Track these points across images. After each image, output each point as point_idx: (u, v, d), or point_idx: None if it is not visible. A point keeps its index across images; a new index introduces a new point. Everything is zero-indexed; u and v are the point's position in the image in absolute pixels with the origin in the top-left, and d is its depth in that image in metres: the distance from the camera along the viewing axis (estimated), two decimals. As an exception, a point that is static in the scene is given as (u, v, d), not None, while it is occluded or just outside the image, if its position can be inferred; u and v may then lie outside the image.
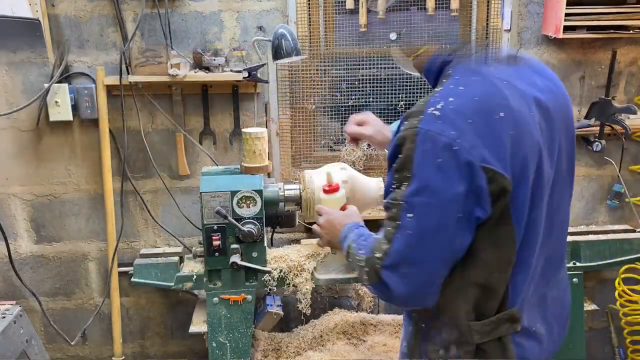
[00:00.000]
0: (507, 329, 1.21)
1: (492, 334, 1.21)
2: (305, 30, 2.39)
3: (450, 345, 1.23)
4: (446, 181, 1.07)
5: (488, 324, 1.20)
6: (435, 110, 1.10)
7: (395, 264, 1.13)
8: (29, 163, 2.41)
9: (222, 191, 1.84)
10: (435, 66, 1.27)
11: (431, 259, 1.13)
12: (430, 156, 1.07)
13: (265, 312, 2.28)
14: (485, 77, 1.16)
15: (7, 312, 1.99)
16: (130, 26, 2.32)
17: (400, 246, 1.13)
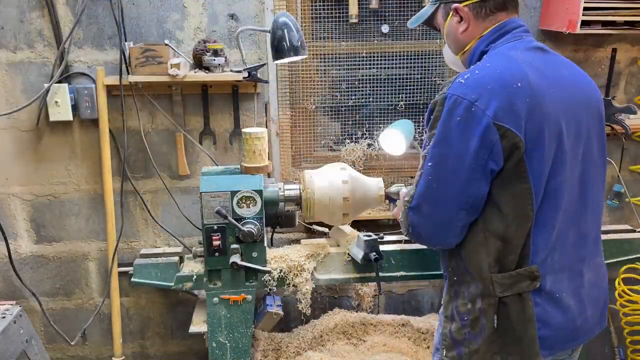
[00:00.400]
0: (527, 286, 1.34)
1: (513, 288, 1.34)
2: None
3: (476, 299, 1.39)
4: (462, 135, 1.27)
5: (508, 277, 1.34)
6: (462, 79, 1.31)
7: (418, 205, 1.35)
8: (29, 163, 2.41)
9: (222, 191, 1.84)
10: (476, 57, 1.46)
11: (447, 200, 1.32)
12: (452, 115, 1.28)
13: (265, 312, 2.28)
14: (510, 58, 1.35)
15: (7, 312, 1.99)
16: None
17: (421, 189, 1.34)
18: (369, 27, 2.46)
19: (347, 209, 1.92)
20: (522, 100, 1.27)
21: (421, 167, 1.34)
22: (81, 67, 2.33)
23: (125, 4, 2.26)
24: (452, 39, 1.52)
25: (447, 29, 1.51)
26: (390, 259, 2.02)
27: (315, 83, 2.50)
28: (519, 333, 1.35)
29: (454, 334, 1.44)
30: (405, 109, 2.55)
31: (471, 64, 1.46)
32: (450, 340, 1.45)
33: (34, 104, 2.27)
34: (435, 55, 2.51)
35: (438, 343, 1.51)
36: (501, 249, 1.34)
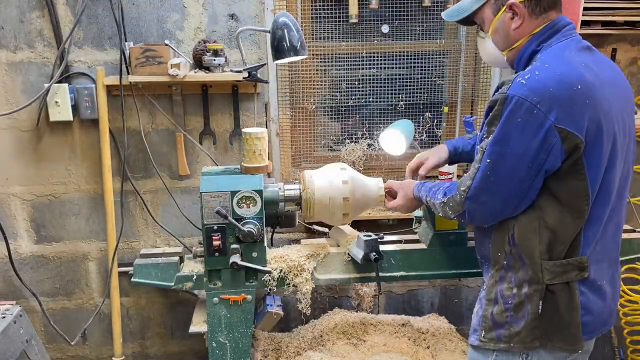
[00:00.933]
0: (575, 275, 1.41)
1: (562, 277, 1.41)
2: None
3: (523, 284, 1.44)
4: (522, 136, 1.32)
5: (559, 265, 1.41)
6: (522, 80, 1.33)
7: (476, 195, 1.43)
8: (29, 163, 2.41)
9: (222, 191, 1.84)
10: (527, 55, 1.47)
11: (503, 192, 1.39)
12: (513, 116, 1.32)
13: (265, 312, 2.28)
14: (567, 60, 1.38)
15: (7, 312, 1.99)
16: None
17: (479, 182, 1.41)
18: (369, 27, 2.46)
19: (347, 209, 1.92)
20: (582, 102, 1.31)
21: (479, 160, 1.40)
22: (81, 67, 2.33)
23: (125, 4, 2.26)
24: (502, 35, 1.51)
25: (497, 25, 1.50)
26: (390, 259, 2.02)
27: (315, 83, 2.50)
28: (566, 320, 1.42)
29: (495, 316, 1.50)
30: (405, 109, 2.55)
31: (520, 61, 1.49)
32: (490, 322, 1.51)
33: (34, 104, 2.27)
34: (435, 55, 2.51)
35: (477, 324, 1.56)
36: (552, 238, 1.41)
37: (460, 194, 1.46)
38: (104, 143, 2.34)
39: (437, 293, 2.77)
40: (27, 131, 2.38)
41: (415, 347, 2.30)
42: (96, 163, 2.42)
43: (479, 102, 2.52)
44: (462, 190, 1.45)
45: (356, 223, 2.47)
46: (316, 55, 2.46)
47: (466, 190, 1.44)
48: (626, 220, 2.68)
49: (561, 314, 1.42)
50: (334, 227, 2.18)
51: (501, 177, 1.37)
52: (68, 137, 2.40)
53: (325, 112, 2.57)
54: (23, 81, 2.32)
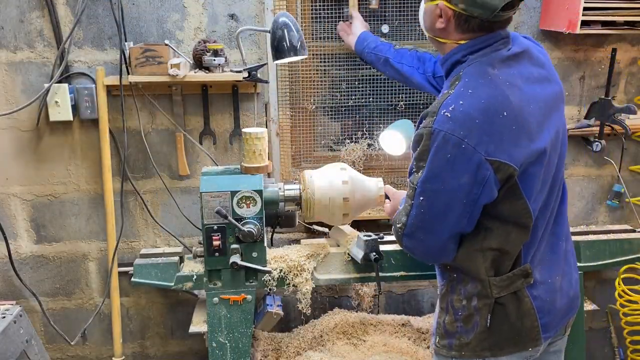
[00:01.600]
0: (521, 283, 1.42)
1: (509, 288, 1.42)
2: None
3: (472, 297, 1.45)
4: (454, 172, 1.28)
5: (505, 279, 1.42)
6: (447, 112, 1.29)
7: (411, 233, 1.40)
8: (29, 163, 2.41)
9: (222, 191, 1.84)
10: (450, 62, 1.44)
11: (440, 231, 1.37)
12: (441, 151, 1.28)
13: (265, 312, 2.28)
14: (491, 80, 1.33)
15: (7, 312, 1.99)
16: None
17: (414, 220, 1.38)
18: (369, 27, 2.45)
19: (347, 209, 1.92)
20: (509, 129, 1.29)
21: (411, 196, 1.37)
22: (81, 67, 2.33)
23: (125, 4, 2.26)
24: (427, 20, 1.45)
25: (428, 9, 1.43)
26: (390, 259, 2.02)
27: (315, 83, 2.50)
28: (517, 327, 1.43)
29: (447, 325, 1.50)
30: (405, 109, 2.55)
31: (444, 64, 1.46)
32: (442, 330, 1.52)
33: (34, 104, 2.27)
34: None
35: (434, 329, 1.58)
36: (498, 256, 1.41)
37: (396, 230, 1.44)
38: (104, 143, 2.34)
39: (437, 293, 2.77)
40: (27, 131, 2.38)
41: (415, 347, 2.30)
42: (96, 163, 2.42)
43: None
44: (398, 227, 1.43)
45: (356, 223, 2.47)
46: (316, 55, 2.46)
47: (402, 227, 1.41)
48: (626, 220, 2.70)
49: (511, 322, 1.43)
50: (334, 227, 2.18)
51: (436, 214, 1.34)
52: (68, 137, 2.40)
53: (325, 112, 2.57)
54: (23, 81, 2.32)
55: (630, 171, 2.65)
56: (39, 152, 2.41)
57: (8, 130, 2.37)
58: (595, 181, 2.66)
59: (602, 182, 2.66)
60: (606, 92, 2.49)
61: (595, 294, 2.76)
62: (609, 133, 2.51)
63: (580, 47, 2.49)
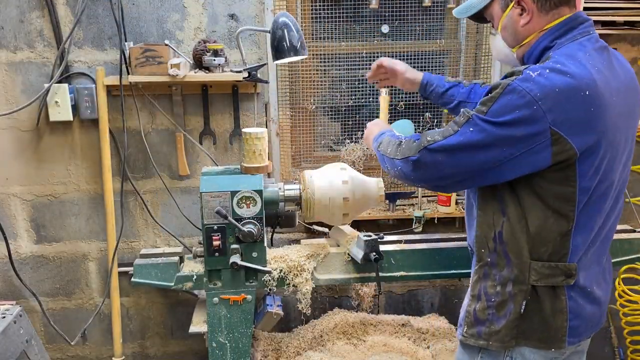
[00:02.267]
0: (561, 281, 1.39)
1: (548, 279, 1.39)
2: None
3: (507, 282, 1.42)
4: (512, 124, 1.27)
5: (547, 267, 1.39)
6: (532, 73, 1.28)
7: (436, 150, 1.35)
8: (29, 163, 2.41)
9: (222, 191, 1.84)
10: (538, 51, 1.42)
11: (463, 168, 1.35)
12: (511, 103, 1.27)
13: (265, 312, 2.27)
14: (580, 62, 1.31)
15: (7, 312, 1.99)
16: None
17: (449, 143, 1.33)
18: (368, 27, 2.46)
19: (347, 209, 1.92)
20: (587, 109, 1.27)
21: (460, 123, 1.33)
22: (81, 67, 2.33)
23: (125, 4, 2.26)
24: (510, 32, 1.47)
25: (506, 21, 1.46)
26: (390, 259, 2.02)
27: (315, 83, 2.50)
28: (548, 322, 1.41)
29: (477, 313, 1.48)
30: (405, 109, 2.55)
31: (529, 59, 1.45)
32: (472, 318, 1.49)
33: (34, 104, 2.27)
34: (435, 55, 2.51)
35: (462, 319, 1.55)
36: (537, 239, 1.39)
37: (422, 142, 1.38)
38: (104, 143, 2.34)
39: (437, 293, 2.77)
40: (27, 131, 2.38)
41: (415, 347, 2.30)
42: (96, 163, 2.42)
43: (479, 102, 2.52)
44: (427, 139, 1.37)
45: (356, 223, 2.47)
46: (316, 55, 2.46)
47: (431, 141, 1.36)
48: (626, 220, 2.70)
49: (544, 315, 1.41)
50: (334, 227, 2.18)
51: (472, 150, 1.32)
52: (68, 137, 2.40)
53: (325, 112, 2.57)
54: (23, 81, 2.32)
55: (631, 171, 2.65)
56: (39, 152, 2.41)
57: (8, 130, 2.37)
58: (595, 181, 2.66)
59: (602, 182, 2.66)
60: (606, 92, 2.49)
61: (595, 294, 2.76)
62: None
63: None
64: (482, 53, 2.45)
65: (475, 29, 2.46)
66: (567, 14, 1.39)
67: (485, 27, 2.41)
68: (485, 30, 2.41)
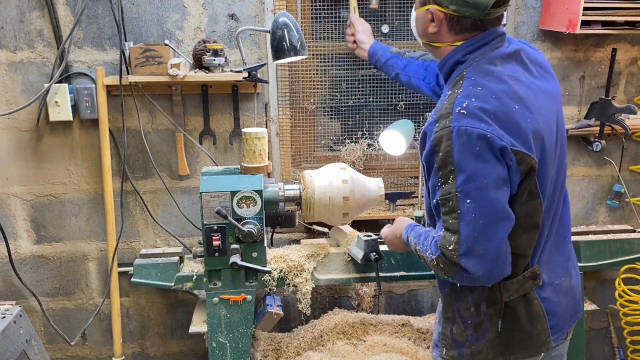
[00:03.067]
0: (530, 285, 1.40)
1: (518, 290, 1.39)
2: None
3: (480, 303, 1.41)
4: (488, 164, 1.24)
5: (515, 282, 1.38)
6: (462, 109, 1.26)
7: (470, 249, 1.26)
8: (29, 163, 2.41)
9: (222, 191, 1.84)
10: (450, 63, 1.41)
11: (499, 233, 1.27)
12: (468, 147, 1.23)
13: (265, 312, 2.27)
14: (497, 76, 1.32)
15: (7, 312, 1.99)
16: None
17: (469, 232, 1.25)
18: (369, 27, 2.46)
19: (347, 208, 1.92)
20: (524, 121, 1.28)
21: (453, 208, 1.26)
22: (81, 67, 2.33)
23: (125, 4, 2.26)
24: (420, 27, 1.46)
25: (419, 15, 1.44)
26: (390, 259, 2.02)
27: (315, 83, 2.50)
28: (528, 330, 1.41)
29: (455, 335, 1.47)
30: (405, 109, 2.55)
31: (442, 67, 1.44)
32: (450, 341, 1.48)
33: (34, 104, 2.27)
34: (435, 55, 2.51)
35: (437, 340, 1.54)
36: (511, 258, 1.34)
37: (449, 255, 1.29)
38: (104, 143, 2.34)
39: (437, 293, 2.77)
40: (27, 131, 2.38)
41: (415, 347, 2.30)
42: (96, 163, 2.42)
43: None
44: (450, 250, 1.28)
45: (356, 223, 2.47)
46: (316, 55, 2.46)
47: (456, 248, 1.26)
48: (626, 220, 2.70)
49: (522, 326, 1.40)
50: (334, 227, 2.18)
51: (489, 214, 1.25)
52: (68, 137, 2.40)
53: (325, 112, 2.57)
54: (23, 81, 2.32)
55: (630, 171, 2.65)
56: (38, 152, 2.41)
57: (8, 130, 2.37)
58: (595, 181, 2.66)
59: (602, 182, 2.66)
60: (606, 92, 2.49)
61: (595, 294, 2.76)
62: (609, 133, 2.51)
63: (580, 47, 2.49)
64: (482, 53, 2.45)
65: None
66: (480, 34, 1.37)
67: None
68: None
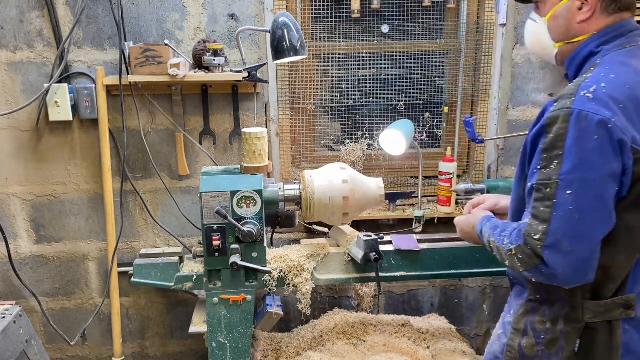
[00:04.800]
0: (620, 314, 1.25)
1: (604, 315, 1.25)
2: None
3: (558, 319, 1.28)
4: (603, 157, 1.11)
5: (603, 305, 1.24)
6: (588, 93, 1.14)
7: (557, 242, 1.15)
8: (29, 163, 2.41)
9: (222, 191, 1.84)
10: (582, 56, 1.30)
11: (594, 233, 1.14)
12: (585, 134, 1.11)
13: (265, 312, 2.27)
14: (634, 69, 1.20)
15: (7, 312, 1.99)
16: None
17: (560, 223, 1.14)
18: (369, 27, 2.46)
19: (347, 208, 1.92)
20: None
21: (550, 196, 1.15)
22: (81, 67, 2.33)
23: (125, 4, 2.26)
24: (562, 24, 1.32)
25: (560, 11, 1.31)
26: (390, 259, 2.02)
27: (315, 83, 2.50)
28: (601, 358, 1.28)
29: (524, 349, 1.35)
30: (405, 109, 2.55)
31: (572, 62, 1.33)
32: (517, 354, 1.36)
33: (34, 104, 2.27)
34: (435, 55, 2.51)
35: (499, 352, 1.41)
36: (602, 278, 1.23)
37: (532, 244, 1.18)
38: (104, 143, 2.34)
39: (437, 293, 2.77)
40: (27, 131, 2.38)
41: (415, 347, 2.30)
42: (96, 163, 2.42)
43: (479, 102, 2.52)
44: (535, 239, 1.17)
45: (356, 223, 2.47)
46: (316, 55, 2.46)
47: (542, 238, 1.16)
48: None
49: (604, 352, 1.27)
50: (334, 227, 2.18)
51: (588, 212, 1.13)
52: (68, 137, 2.40)
53: (325, 112, 2.57)
54: (23, 81, 2.31)
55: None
56: (38, 152, 2.41)
57: (8, 130, 2.37)
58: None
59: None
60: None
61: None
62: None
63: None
64: (482, 53, 2.45)
65: (475, 29, 2.46)
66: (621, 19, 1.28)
67: (485, 27, 2.41)
68: (485, 30, 2.41)
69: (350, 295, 2.68)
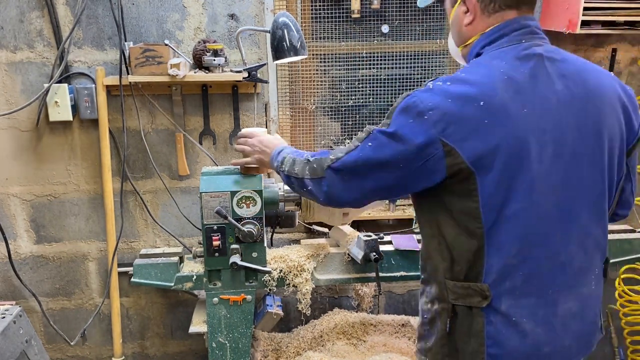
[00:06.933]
0: (477, 302, 1.30)
1: (465, 299, 1.32)
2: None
3: (434, 300, 1.39)
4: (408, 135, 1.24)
5: (460, 287, 1.32)
6: (431, 84, 1.27)
7: (340, 169, 1.34)
8: (29, 163, 2.41)
9: (222, 191, 1.84)
10: (472, 58, 1.37)
11: (367, 183, 1.32)
12: (406, 113, 1.25)
13: (265, 312, 2.27)
14: (489, 69, 1.25)
15: (7, 312, 1.99)
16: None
17: (351, 159, 1.32)
18: (369, 27, 2.46)
19: (347, 208, 1.92)
20: (479, 121, 1.20)
21: (360, 139, 1.32)
22: (81, 67, 2.33)
23: (125, 4, 2.26)
24: (455, 30, 1.41)
25: (453, 18, 1.39)
26: (390, 259, 2.02)
27: (315, 83, 2.50)
28: (462, 345, 1.32)
29: (418, 328, 1.46)
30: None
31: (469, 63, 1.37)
32: (417, 334, 1.48)
33: (34, 104, 2.27)
34: (435, 55, 2.51)
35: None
36: (451, 258, 1.32)
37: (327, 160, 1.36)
38: (104, 143, 2.34)
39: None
40: (27, 131, 2.38)
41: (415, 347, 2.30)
42: (96, 163, 2.42)
43: (479, 102, 2.52)
44: (331, 158, 1.36)
45: (356, 223, 2.47)
46: (316, 55, 2.46)
47: (334, 160, 1.34)
48: (626, 220, 2.69)
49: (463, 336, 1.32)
50: (334, 227, 2.18)
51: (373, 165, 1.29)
52: (68, 137, 2.40)
53: (325, 112, 2.57)
54: (23, 81, 2.31)
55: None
56: (38, 152, 2.40)
57: (8, 130, 2.37)
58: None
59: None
60: (606, 92, 2.49)
61: (595, 294, 2.76)
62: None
63: (580, 47, 2.48)
64: (482, 53, 2.46)
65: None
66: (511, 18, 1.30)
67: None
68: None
69: (350, 295, 2.68)
